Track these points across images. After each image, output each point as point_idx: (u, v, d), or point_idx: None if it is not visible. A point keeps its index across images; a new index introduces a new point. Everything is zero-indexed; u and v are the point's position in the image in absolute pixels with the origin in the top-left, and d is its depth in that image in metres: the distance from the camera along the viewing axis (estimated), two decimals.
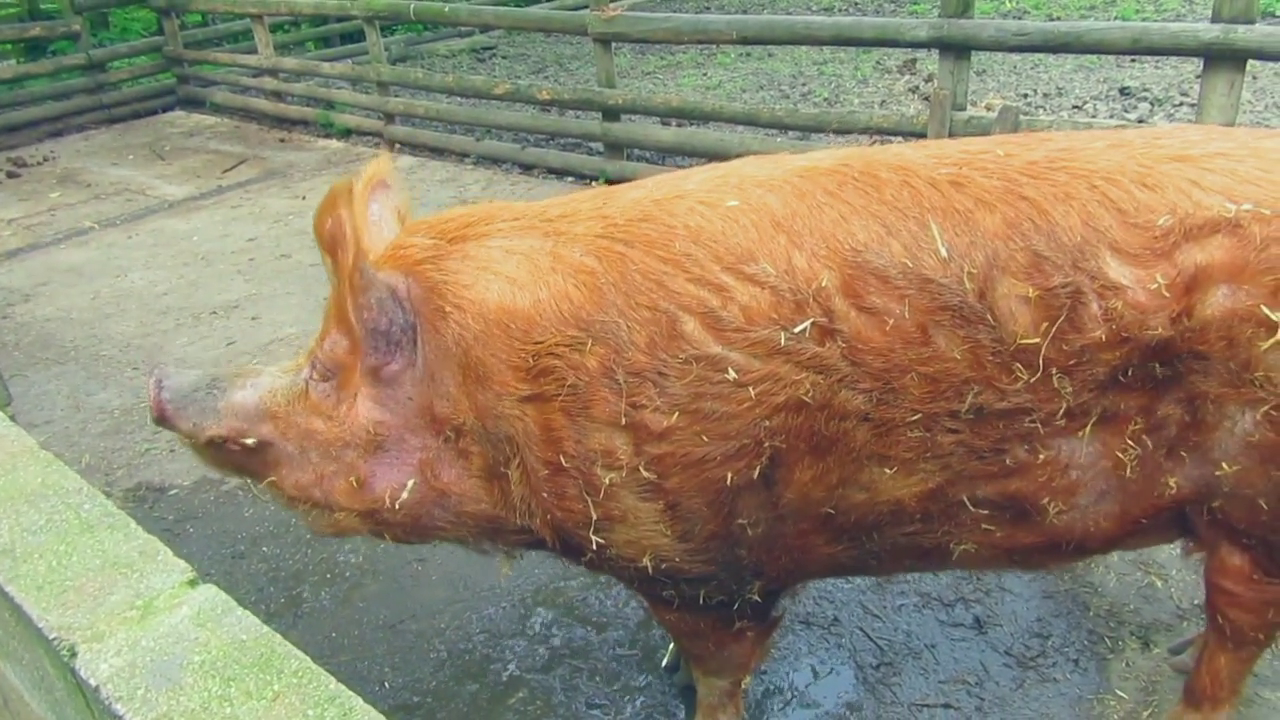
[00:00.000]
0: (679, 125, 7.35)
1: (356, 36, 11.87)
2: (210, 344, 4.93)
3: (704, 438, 1.68)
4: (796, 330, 1.63)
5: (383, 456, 1.85)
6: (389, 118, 8.58)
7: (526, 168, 7.51)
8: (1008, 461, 1.74)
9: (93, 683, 0.93)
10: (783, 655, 2.67)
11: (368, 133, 8.85)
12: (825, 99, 8.45)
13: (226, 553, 3.27)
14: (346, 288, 1.72)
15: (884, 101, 8.11)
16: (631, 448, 1.70)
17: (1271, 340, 1.57)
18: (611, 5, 6.56)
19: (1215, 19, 4.28)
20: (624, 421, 1.68)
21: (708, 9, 13.18)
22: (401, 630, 2.88)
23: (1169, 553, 2.82)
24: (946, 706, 2.46)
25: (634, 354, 1.66)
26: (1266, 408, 1.63)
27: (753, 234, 1.69)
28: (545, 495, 1.79)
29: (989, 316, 1.62)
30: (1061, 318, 1.61)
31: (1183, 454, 1.74)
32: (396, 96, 8.66)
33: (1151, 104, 7.30)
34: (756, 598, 1.98)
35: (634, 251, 1.71)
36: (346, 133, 9.00)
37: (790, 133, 6.42)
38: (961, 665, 2.59)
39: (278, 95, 9.74)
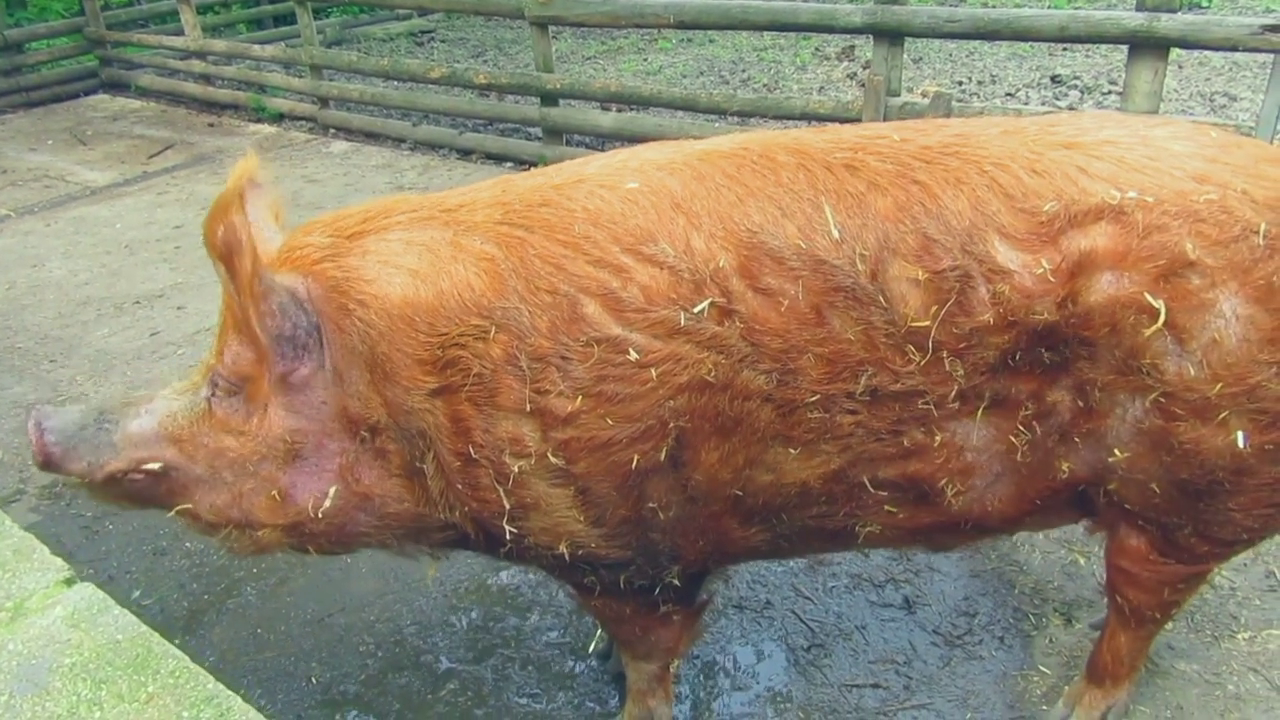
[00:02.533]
0: (619, 110, 7.31)
1: (289, 18, 11.58)
2: (133, 335, 4.78)
3: (609, 420, 1.67)
4: (696, 310, 1.63)
5: (302, 465, 1.80)
6: (323, 102, 8.40)
7: (464, 153, 7.41)
8: (905, 443, 1.76)
9: None
10: (715, 639, 2.67)
11: (301, 117, 8.66)
12: (764, 85, 8.48)
13: (148, 549, 3.17)
14: (248, 296, 1.66)
15: (822, 88, 8.16)
16: (539, 434, 1.69)
17: (1154, 327, 1.59)
18: None
19: (1139, 7, 4.37)
20: (529, 408, 1.67)
21: None
22: (330, 624, 2.82)
23: None
24: (875, 686, 2.48)
25: (536, 339, 1.65)
26: (1155, 395, 1.65)
27: (652, 215, 1.69)
28: (460, 487, 1.77)
29: (881, 298, 1.64)
30: (951, 301, 1.63)
31: (1075, 439, 1.76)
32: (331, 80, 8.47)
33: (1082, 91, 7.46)
34: (676, 582, 1.97)
35: (534, 236, 1.70)
36: (279, 117, 8.79)
37: (729, 118, 6.43)
38: (890, 645, 2.61)
39: (207, 78, 9.48)
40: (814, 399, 1.68)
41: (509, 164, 7.10)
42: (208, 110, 9.33)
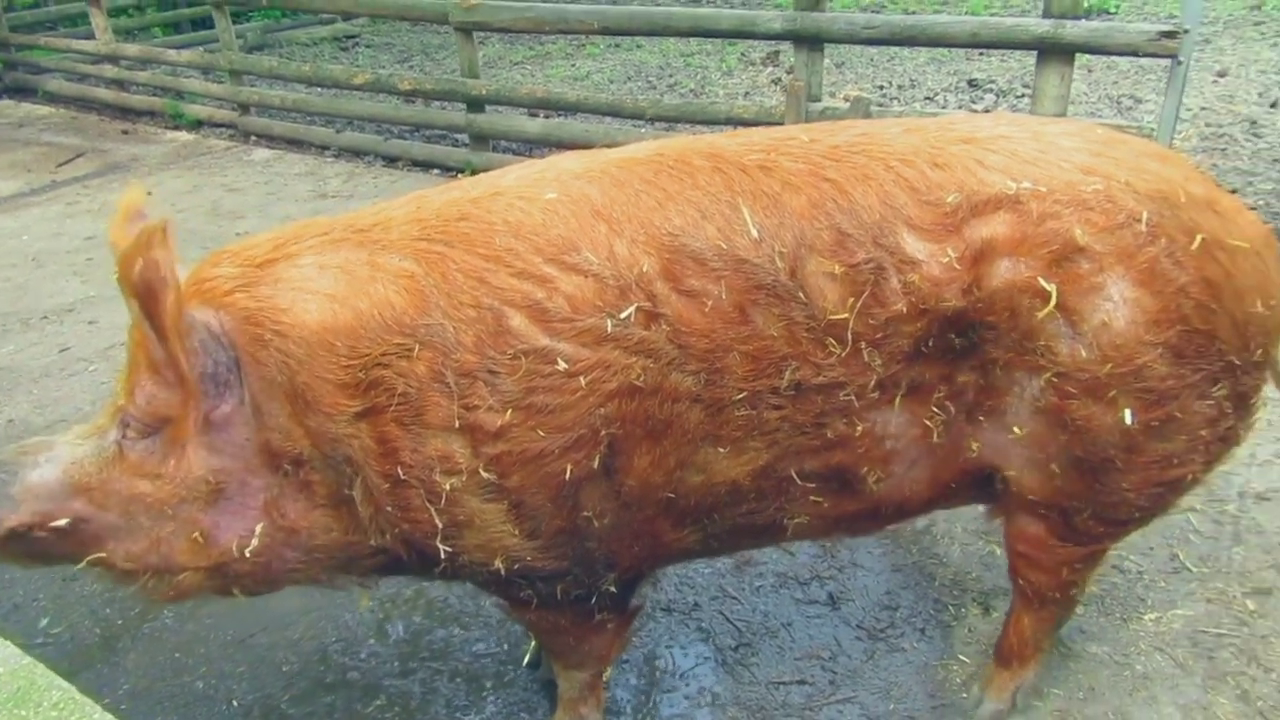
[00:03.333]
0: (546, 116, 7.30)
1: (208, 23, 11.30)
2: (41, 351, 4.61)
3: (540, 432, 1.67)
4: (622, 316, 1.65)
5: (226, 505, 1.75)
6: (243, 108, 8.22)
7: (390, 160, 7.33)
8: (829, 435, 1.80)
9: None
10: (643, 643, 2.68)
11: (221, 124, 8.46)
12: (691, 90, 8.55)
13: (56, 575, 3.05)
14: (173, 338, 1.59)
15: (748, 93, 8.26)
16: (469, 450, 1.67)
17: (1047, 310, 1.68)
18: None
19: (1046, 14, 4.53)
20: (458, 424, 1.65)
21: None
22: (251, 644, 2.76)
23: None
24: (801, 683, 2.52)
25: (462, 354, 1.64)
26: (1048, 374, 1.74)
27: (573, 224, 1.69)
28: (390, 509, 1.74)
29: (800, 294, 1.68)
30: (866, 292, 1.69)
31: (980, 418, 1.84)
32: (252, 86, 8.29)
33: (997, 95, 7.68)
34: (613, 589, 1.98)
35: (454, 251, 1.69)
36: (197, 124, 8.58)
37: (655, 123, 6.47)
38: (816, 641, 2.66)
39: (120, 84, 9.20)
40: (741, 396, 1.72)
41: (435, 171, 7.04)
42: (121, 117, 9.05)
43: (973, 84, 8.03)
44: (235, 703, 2.56)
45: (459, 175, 6.80)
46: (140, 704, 2.56)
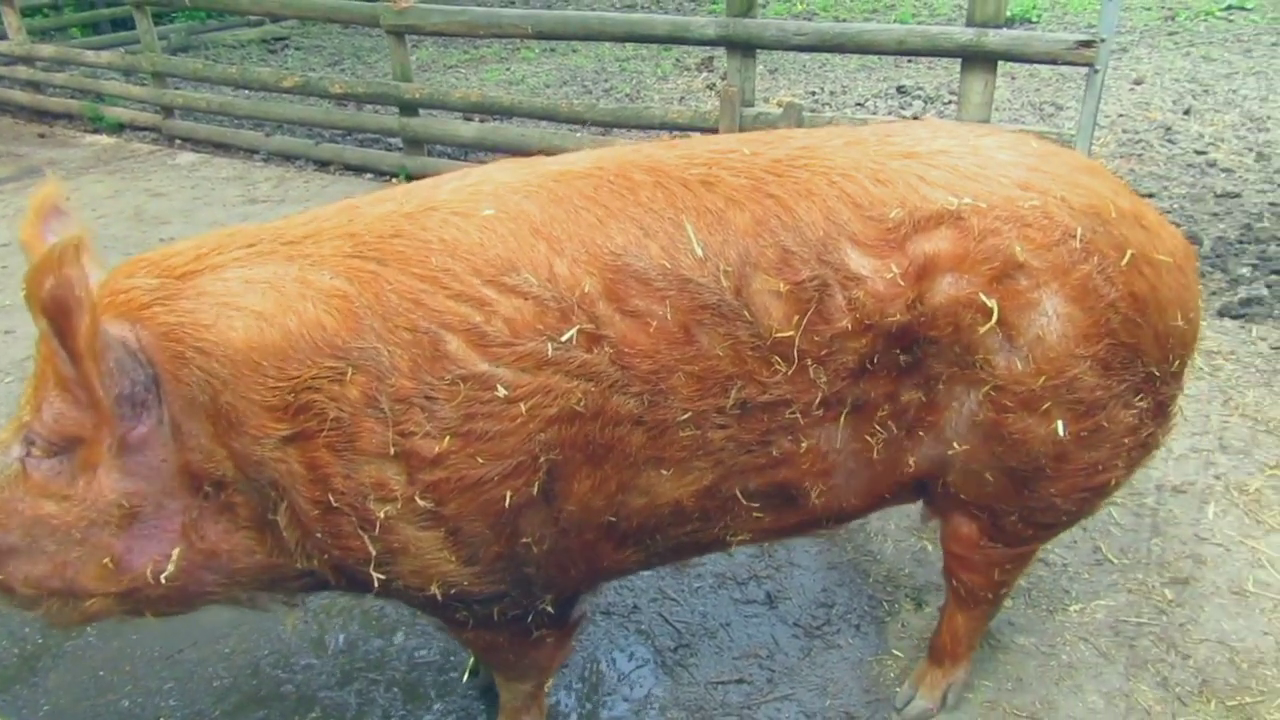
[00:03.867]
0: (481, 120, 7.25)
1: (128, 23, 10.97)
2: None
3: (479, 459, 1.62)
4: (563, 339, 1.61)
5: (140, 529, 1.67)
6: (167, 111, 8.01)
7: (322, 164, 7.21)
8: (774, 453, 1.80)
9: None
10: (583, 647, 2.68)
11: (144, 127, 8.23)
12: (627, 94, 8.58)
13: None
14: (89, 358, 1.51)
15: (683, 98, 8.32)
16: (404, 477, 1.62)
17: (988, 325, 1.70)
18: None
19: (969, 23, 4.65)
20: (393, 451, 1.60)
21: (511, 3, 13.08)
22: (180, 660, 2.68)
23: None
24: (740, 681, 2.55)
25: (398, 379, 1.58)
26: (987, 388, 1.77)
27: (511, 243, 1.65)
28: (320, 536, 1.69)
29: (746, 313, 1.66)
30: (811, 310, 1.68)
31: (920, 434, 1.86)
32: (176, 89, 8.08)
33: (925, 102, 7.86)
34: (550, 608, 1.94)
35: (388, 270, 1.63)
36: (119, 127, 8.33)
37: (591, 128, 6.47)
38: (754, 640, 2.69)
39: (35, 85, 8.89)
40: (686, 417, 1.70)
41: (369, 175, 6.95)
42: (37, 120, 8.74)
43: (901, 90, 8.21)
44: (164, 719, 2.49)
45: (393, 179, 6.72)
46: None
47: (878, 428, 1.82)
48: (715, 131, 5.45)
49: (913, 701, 2.39)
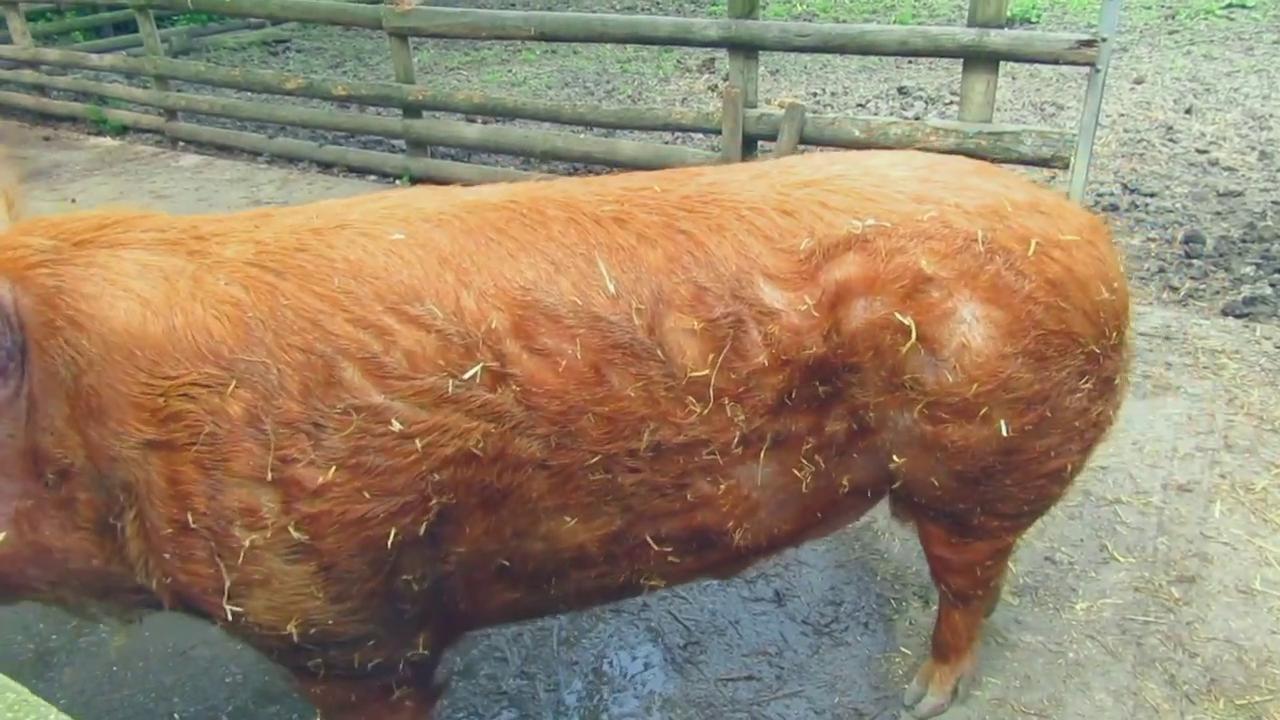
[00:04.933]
0: (484, 122, 7.27)
1: (131, 26, 10.99)
2: None
3: (365, 494, 1.54)
4: (465, 377, 1.54)
5: None
6: (170, 113, 8.03)
7: (325, 166, 7.23)
8: (689, 497, 1.74)
9: None
10: (593, 645, 2.69)
11: (147, 130, 8.25)
12: (629, 96, 8.60)
13: None
14: None
15: (685, 99, 8.33)
16: (279, 506, 1.52)
17: (909, 343, 1.69)
18: None
19: (971, 23, 4.66)
20: (271, 477, 1.50)
21: (512, 5, 13.11)
22: (192, 656, 2.70)
23: None
24: (749, 678, 2.56)
25: (285, 401, 1.49)
26: (920, 405, 1.75)
27: (418, 271, 1.58)
28: (168, 556, 1.57)
29: (659, 351, 1.62)
30: (726, 347, 1.64)
31: (854, 456, 1.83)
32: (179, 91, 8.10)
33: (926, 102, 7.88)
34: (421, 651, 1.81)
35: (286, 284, 1.56)
36: (123, 130, 8.35)
37: (594, 129, 6.49)
38: (763, 637, 2.70)
39: (40, 89, 8.92)
40: (594, 460, 1.63)
41: (372, 177, 6.97)
42: (42, 123, 8.77)
43: (903, 91, 8.23)
44: (176, 715, 2.50)
45: (397, 181, 6.74)
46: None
47: (804, 460, 1.78)
48: (719, 133, 5.47)
49: (924, 699, 2.40)
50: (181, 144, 7.94)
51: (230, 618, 1.59)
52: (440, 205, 1.72)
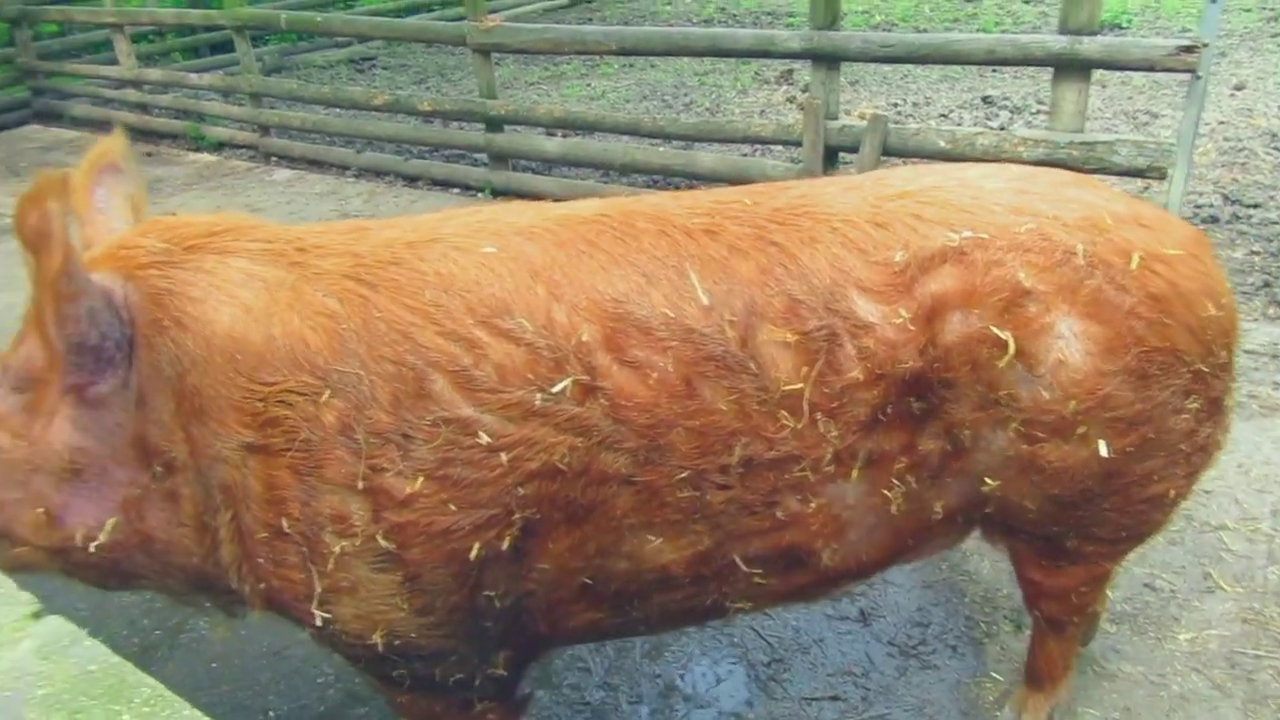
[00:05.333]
0: (564, 136, 7.36)
1: (227, 47, 11.45)
2: None
3: (451, 506, 1.55)
4: (554, 390, 1.55)
5: (80, 488, 1.62)
6: (264, 130, 8.32)
7: (410, 179, 7.40)
8: (779, 515, 1.71)
9: None
10: (676, 658, 2.69)
11: (242, 145, 8.56)
12: (707, 109, 8.61)
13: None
14: (49, 296, 1.48)
15: (763, 111, 8.31)
16: (369, 514, 1.54)
17: (1006, 358, 1.64)
18: (490, 16, 6.53)
19: (1062, 30, 4.55)
20: (362, 485, 1.53)
21: (589, 20, 13.26)
22: (287, 656, 2.78)
23: None
24: (834, 699, 2.52)
25: (376, 412, 1.52)
26: (1015, 424, 1.69)
27: (509, 284, 1.60)
28: (261, 560, 1.61)
29: (752, 364, 1.60)
30: (820, 361, 1.62)
31: (947, 479, 1.78)
32: (272, 108, 8.40)
33: (1011, 112, 7.70)
34: (501, 670, 1.82)
35: (380, 297, 1.59)
36: (219, 146, 8.68)
37: (673, 142, 6.51)
38: (848, 657, 2.66)
39: (143, 107, 9.33)
40: (682, 476, 1.61)
41: (455, 190, 7.11)
42: (145, 139, 9.16)
43: (987, 101, 8.06)
44: (271, 713, 2.58)
45: (478, 194, 6.87)
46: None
47: (895, 481, 1.73)
48: (799, 145, 5.44)
49: None
50: (274, 159, 8.22)
51: (320, 624, 1.62)
52: (532, 219, 1.73)
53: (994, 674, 2.56)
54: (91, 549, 1.63)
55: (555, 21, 12.96)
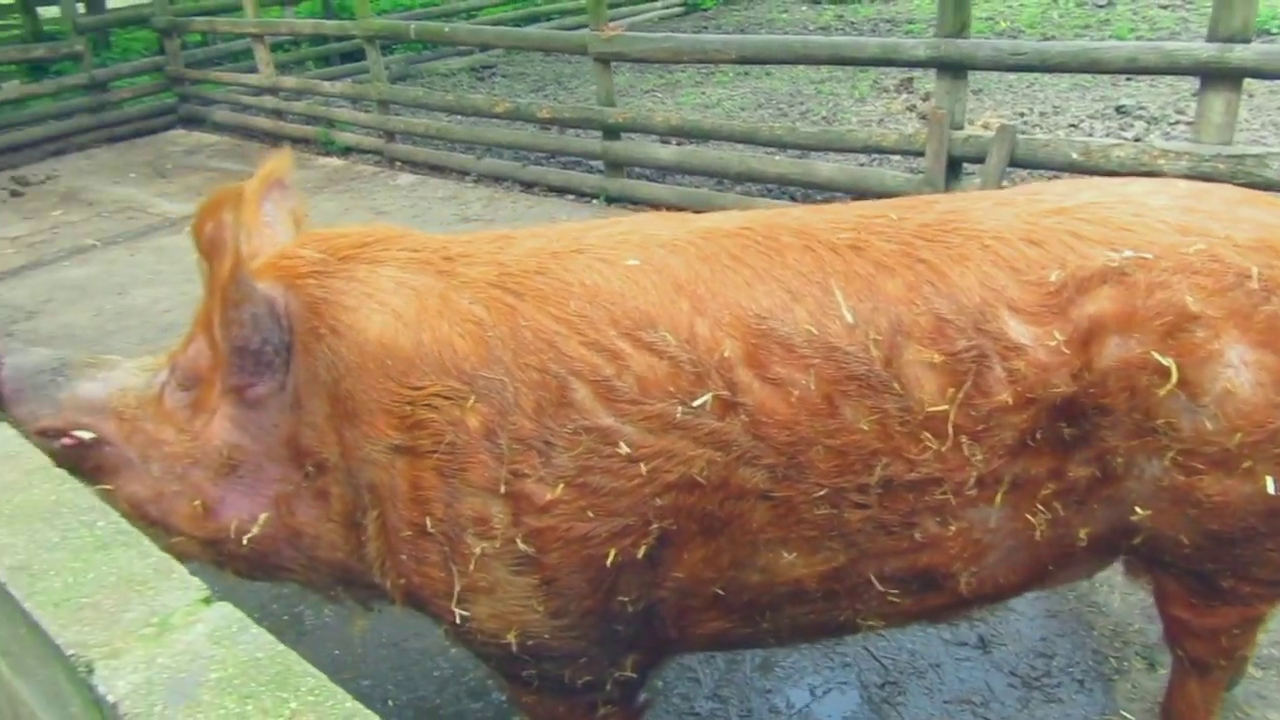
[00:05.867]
0: (679, 143, 7.40)
1: (356, 55, 11.94)
2: None
3: (590, 514, 1.57)
4: (695, 404, 1.55)
5: (235, 483, 1.71)
6: (389, 135, 8.63)
7: (527, 185, 7.55)
8: (916, 536, 1.67)
9: (111, 699, 0.93)
10: (787, 674, 2.66)
11: (368, 151, 8.90)
12: (823, 117, 8.51)
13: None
14: (218, 300, 1.58)
15: (882, 120, 8.16)
16: (509, 518, 1.58)
17: (1168, 386, 1.56)
18: (611, 25, 6.62)
19: (1212, 37, 4.33)
20: (503, 489, 1.56)
21: (704, 28, 13.29)
22: (405, 648, 2.87)
23: None
24: None
25: (519, 418, 1.56)
26: (1173, 454, 1.61)
27: (653, 296, 1.61)
28: (404, 558, 1.66)
29: (896, 384, 1.57)
30: (968, 382, 1.57)
31: (1094, 506, 1.70)
32: (397, 115, 8.71)
33: (1148, 122, 7.36)
34: (629, 673, 1.83)
35: (525, 305, 1.62)
36: (346, 151, 9.04)
37: (789, 150, 6.47)
38: (966, 685, 2.58)
39: (278, 113, 9.79)
40: (820, 494, 1.60)
41: (571, 196, 7.22)
42: (278, 144, 9.63)
43: (1121, 110, 7.72)
44: (391, 703, 2.67)
45: (593, 201, 6.96)
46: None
47: (1040, 507, 1.66)
48: (921, 155, 5.32)
49: None
50: (398, 164, 8.52)
51: (457, 621, 1.66)
52: (675, 232, 1.74)
53: (1125, 713, 2.44)
54: (245, 541, 1.71)
55: (671, 29, 13.05)
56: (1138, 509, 1.69)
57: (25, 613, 1.07)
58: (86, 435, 1.72)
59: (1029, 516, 1.68)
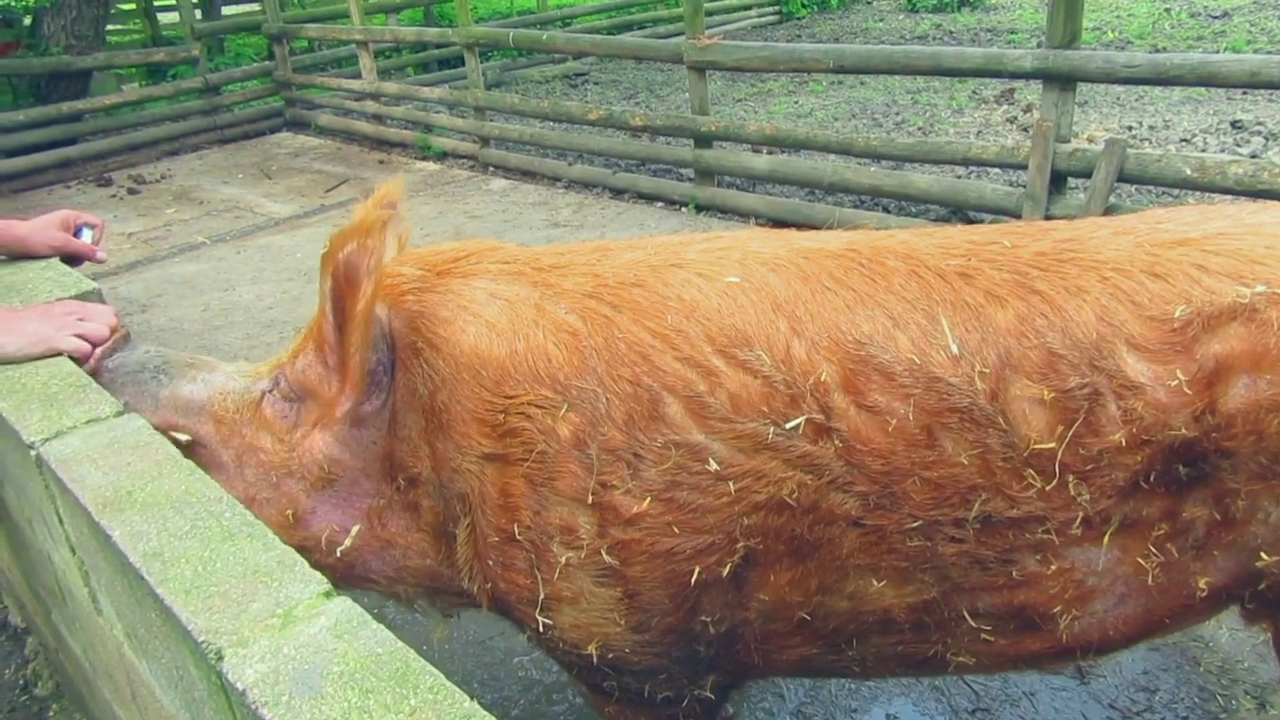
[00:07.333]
0: (770, 153, 7.36)
1: (454, 62, 12.24)
2: None
3: (675, 529, 1.56)
4: (788, 426, 1.52)
5: (329, 496, 1.73)
6: (484, 141, 8.80)
7: (617, 192, 7.61)
8: (1014, 574, 1.60)
9: (240, 686, 0.97)
10: (874, 695, 2.62)
11: (463, 155, 9.09)
12: (920, 128, 8.36)
13: None
14: (357, 326, 1.60)
15: (980, 131, 7.98)
16: (595, 528, 1.57)
17: None
18: (707, 34, 6.62)
19: None
20: (591, 500, 1.56)
21: (798, 36, 13.19)
22: (490, 647, 2.92)
23: None
24: None
25: (610, 429, 1.55)
26: None
27: (750, 315, 1.58)
28: (491, 564, 1.67)
29: (1001, 419, 1.50)
30: (1079, 421, 1.49)
31: (1215, 553, 1.60)
32: (491, 121, 8.88)
33: (1266, 138, 7.03)
34: (709, 694, 1.81)
35: (622, 318, 1.61)
36: (442, 155, 9.26)
37: (884, 162, 6.37)
38: (1061, 715, 2.50)
39: (378, 118, 10.09)
40: (914, 525, 1.55)
41: (660, 204, 7.25)
42: (378, 148, 9.92)
43: (1236, 125, 7.39)
44: (475, 701, 2.71)
45: (683, 209, 6.98)
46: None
47: (1153, 550, 1.57)
48: (1023, 168, 5.19)
49: None
50: (491, 169, 8.69)
51: (541, 629, 1.67)
52: (777, 250, 1.71)
53: None
54: (337, 553, 1.73)
55: (764, 38, 13.00)
56: (1264, 555, 1.59)
57: (158, 598, 1.13)
58: (183, 437, 1.75)
59: (1140, 560, 1.60)
